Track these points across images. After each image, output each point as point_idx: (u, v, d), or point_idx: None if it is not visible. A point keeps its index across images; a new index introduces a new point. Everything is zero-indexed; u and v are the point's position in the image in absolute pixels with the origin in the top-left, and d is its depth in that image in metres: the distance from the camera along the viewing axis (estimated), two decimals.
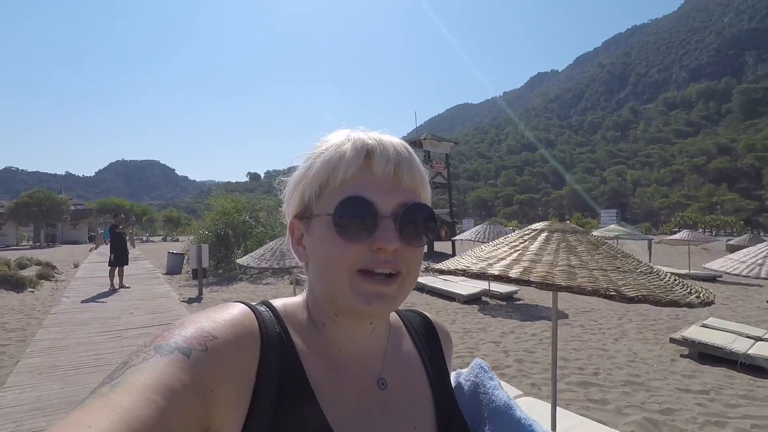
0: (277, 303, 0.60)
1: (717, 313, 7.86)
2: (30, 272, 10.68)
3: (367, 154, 0.54)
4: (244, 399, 0.48)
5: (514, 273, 2.16)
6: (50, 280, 10.99)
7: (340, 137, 0.57)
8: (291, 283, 8.80)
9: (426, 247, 0.61)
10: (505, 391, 0.69)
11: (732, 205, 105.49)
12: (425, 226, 0.56)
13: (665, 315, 7.66)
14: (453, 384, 0.71)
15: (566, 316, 7.56)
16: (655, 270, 2.31)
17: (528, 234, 2.58)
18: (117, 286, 9.80)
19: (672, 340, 5.57)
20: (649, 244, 19.19)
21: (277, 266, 6.12)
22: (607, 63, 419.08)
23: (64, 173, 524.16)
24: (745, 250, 5.52)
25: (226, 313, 0.52)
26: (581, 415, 3.44)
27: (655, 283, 2.17)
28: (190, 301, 8.66)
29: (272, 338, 0.53)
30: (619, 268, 2.24)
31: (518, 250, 2.43)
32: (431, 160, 21.60)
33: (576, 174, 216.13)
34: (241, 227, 13.24)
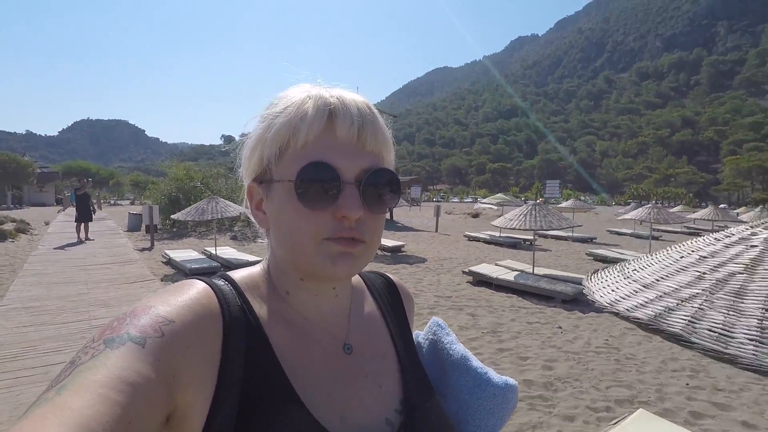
0: (237, 275, 0.59)
1: (536, 261, 10.73)
2: (8, 227, 12.78)
3: (330, 114, 0.52)
4: (210, 379, 0.47)
5: None
6: (26, 234, 13.16)
7: (300, 94, 0.54)
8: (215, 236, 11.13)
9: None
10: (461, 344, 0.72)
11: (685, 177, 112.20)
12: (389, 193, 0.55)
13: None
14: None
15: (424, 261, 10.30)
16: None
17: None
18: (83, 239, 12.08)
19: (463, 272, 8.35)
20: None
21: (198, 219, 8.61)
22: (587, 29, 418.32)
23: (24, 132, 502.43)
24: (515, 210, 8.26)
25: (183, 293, 0.50)
26: None
27: None
28: (142, 249, 11.03)
29: (234, 313, 0.52)
30: None
31: None
32: None
33: (547, 144, 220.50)
34: (192, 192, 15.47)
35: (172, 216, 8.93)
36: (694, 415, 3.33)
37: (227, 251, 10.00)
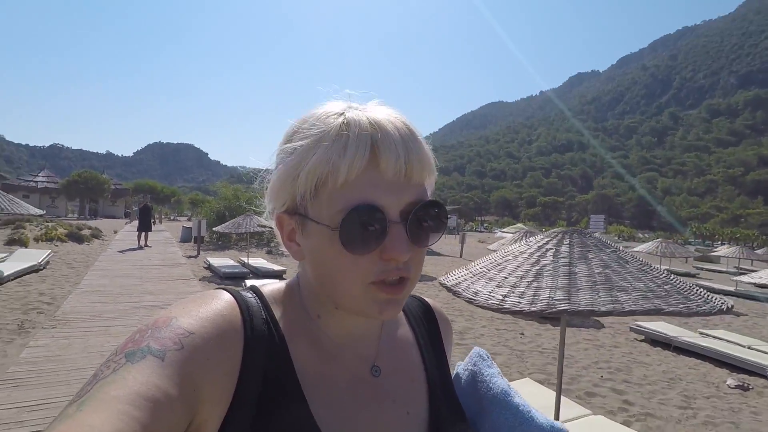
0: (266, 289, 0.57)
1: None
2: (86, 232, 15.09)
3: (372, 148, 0.47)
4: (228, 392, 0.46)
5: None
6: (99, 239, 15.44)
7: (335, 119, 0.48)
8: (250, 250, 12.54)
9: None
10: (505, 379, 0.68)
11: (758, 218, 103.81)
12: (436, 224, 0.51)
13: None
14: (453, 374, 0.70)
15: (432, 279, 11.09)
16: None
17: None
18: (143, 245, 14.07)
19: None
20: None
21: (235, 231, 10.08)
22: (651, 65, 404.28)
23: (105, 152, 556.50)
24: (509, 236, 9.00)
25: (206, 304, 0.49)
26: None
27: None
28: (189, 257, 12.72)
29: (257, 327, 0.50)
30: None
31: None
32: None
33: (604, 179, 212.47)
34: (237, 210, 17.30)
35: (214, 229, 10.50)
36: (588, 393, 4.02)
37: (259, 261, 11.38)
